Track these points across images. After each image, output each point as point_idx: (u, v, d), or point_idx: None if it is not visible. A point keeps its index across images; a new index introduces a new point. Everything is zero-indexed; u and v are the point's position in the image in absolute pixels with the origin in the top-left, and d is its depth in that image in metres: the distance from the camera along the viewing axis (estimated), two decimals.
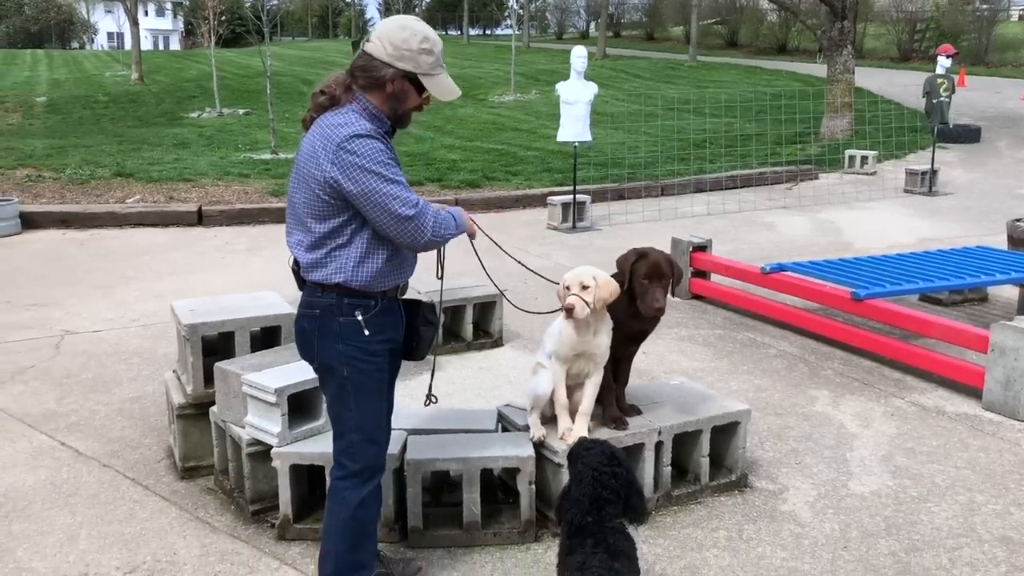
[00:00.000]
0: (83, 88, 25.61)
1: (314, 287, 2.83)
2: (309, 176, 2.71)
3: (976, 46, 34.44)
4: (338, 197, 2.69)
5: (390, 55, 2.75)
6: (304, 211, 2.75)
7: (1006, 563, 3.41)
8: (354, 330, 2.81)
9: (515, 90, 24.87)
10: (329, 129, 2.70)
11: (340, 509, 2.92)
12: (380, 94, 2.80)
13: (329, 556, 2.96)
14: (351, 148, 2.65)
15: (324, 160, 2.67)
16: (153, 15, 60.45)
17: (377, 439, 2.94)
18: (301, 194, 2.76)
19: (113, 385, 5.16)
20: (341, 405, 2.88)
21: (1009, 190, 12.72)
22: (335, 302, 2.80)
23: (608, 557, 2.47)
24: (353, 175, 2.65)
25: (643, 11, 49.54)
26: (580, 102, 9.59)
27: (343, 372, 2.83)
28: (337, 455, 2.93)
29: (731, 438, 3.95)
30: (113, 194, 10.96)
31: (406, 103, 2.84)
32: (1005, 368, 4.77)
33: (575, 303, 3.35)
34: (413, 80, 2.79)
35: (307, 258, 2.79)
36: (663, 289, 3.55)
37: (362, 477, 2.91)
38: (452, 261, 5.10)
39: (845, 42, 16.96)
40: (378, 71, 2.76)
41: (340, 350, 2.81)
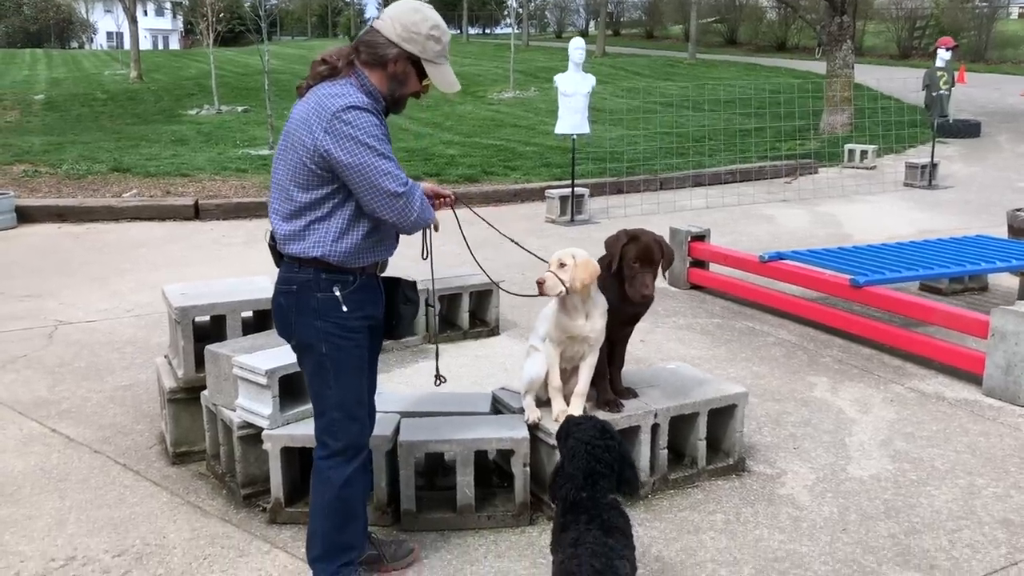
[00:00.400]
0: (82, 86, 25.56)
1: (291, 262, 2.78)
2: (298, 143, 2.67)
3: (976, 43, 34.40)
4: (326, 168, 2.65)
5: (398, 35, 2.71)
6: (288, 179, 2.71)
7: (1007, 544, 3.36)
8: (332, 306, 2.77)
9: (514, 87, 24.82)
10: (325, 99, 2.66)
11: (325, 489, 2.88)
12: (381, 73, 2.76)
13: (316, 537, 2.92)
14: (346, 119, 2.61)
15: (317, 128, 2.62)
16: (152, 15, 60.40)
17: (359, 416, 2.89)
18: (287, 162, 2.71)
19: (106, 373, 5.12)
20: (321, 383, 2.83)
21: (1009, 183, 12.67)
22: (312, 277, 2.75)
23: (602, 533, 2.43)
24: (346, 145, 2.61)
25: (642, 9, 49.52)
26: (578, 94, 9.54)
27: (322, 349, 2.79)
28: (319, 434, 2.89)
29: (728, 421, 3.91)
30: (110, 189, 10.92)
31: (405, 87, 2.80)
32: (1006, 353, 4.72)
33: (547, 279, 3.30)
34: (416, 64, 2.76)
35: (285, 229, 2.74)
36: (652, 274, 3.50)
37: (345, 456, 2.87)
38: (448, 251, 5.06)
39: (844, 37, 16.91)
40: (383, 49, 2.72)
41: (318, 327, 2.77)
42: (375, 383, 3.15)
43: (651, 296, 3.51)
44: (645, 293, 3.47)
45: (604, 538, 2.41)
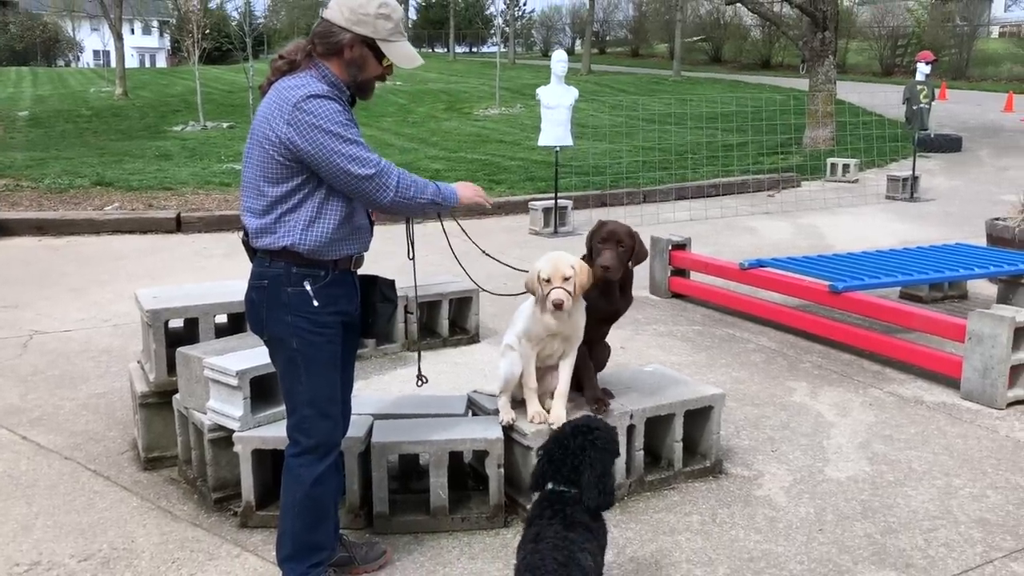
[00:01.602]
0: (67, 103, 25.51)
1: (263, 257, 2.77)
2: (263, 138, 2.66)
3: (957, 61, 34.77)
4: (293, 159, 2.64)
5: (347, 19, 2.70)
6: (257, 174, 2.69)
7: (982, 543, 3.35)
8: (303, 300, 2.74)
9: (500, 104, 24.91)
10: (285, 91, 2.65)
11: (295, 487, 2.84)
12: (339, 61, 2.75)
13: (285, 536, 2.88)
14: (306, 108, 2.60)
15: (279, 120, 2.62)
16: (140, 33, 60.42)
17: (331, 414, 2.86)
18: (254, 158, 2.70)
19: (80, 381, 5.06)
20: (292, 379, 2.81)
21: (990, 196, 12.75)
22: (283, 271, 2.74)
23: (563, 528, 2.41)
24: (308, 134, 2.59)
25: (628, 28, 49.85)
26: (561, 107, 9.57)
27: (292, 344, 2.76)
28: (290, 431, 2.86)
29: (705, 423, 3.89)
30: (92, 202, 10.85)
31: (365, 70, 2.78)
32: (982, 356, 4.73)
33: (563, 297, 3.25)
34: (372, 47, 2.74)
35: (256, 223, 2.73)
36: (615, 253, 3.47)
37: (317, 453, 2.84)
38: (429, 261, 5.04)
39: (826, 52, 17.05)
40: (335, 36, 2.71)
41: (288, 321, 2.74)
42: (351, 382, 3.12)
43: (609, 268, 3.43)
44: (604, 265, 3.42)
45: (565, 532, 2.39)
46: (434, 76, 34.35)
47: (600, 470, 2.58)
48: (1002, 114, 23.98)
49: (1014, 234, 7.34)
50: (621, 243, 3.49)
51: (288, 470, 2.87)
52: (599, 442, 2.62)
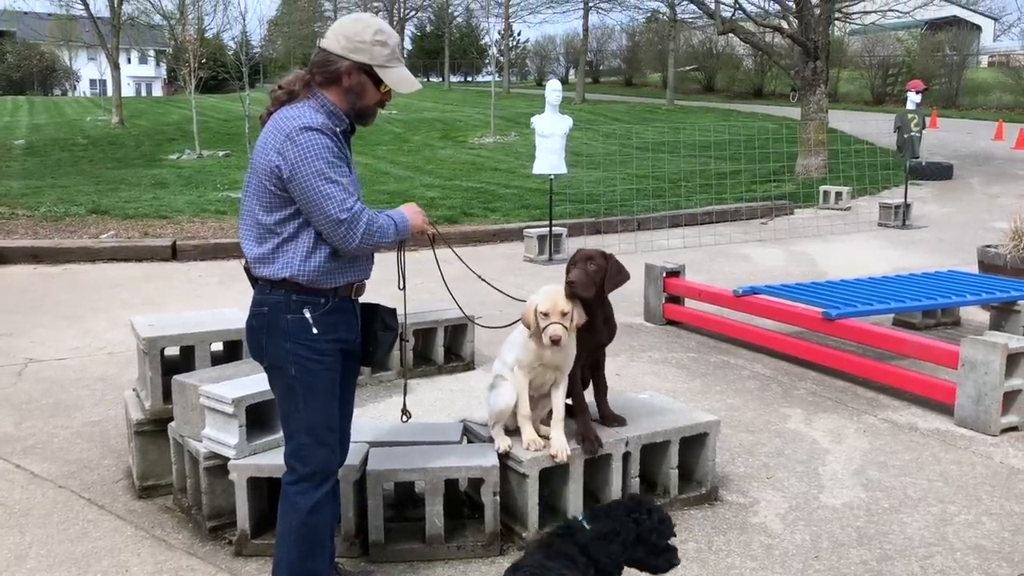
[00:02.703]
0: (63, 132, 25.56)
1: (263, 284, 2.79)
2: (259, 167, 2.69)
3: (947, 90, 35.11)
4: (283, 188, 2.67)
5: (344, 48, 2.74)
6: (254, 202, 2.73)
7: (978, 570, 3.35)
8: (302, 328, 2.76)
9: (495, 132, 25.04)
10: (282, 121, 2.69)
11: (292, 515, 2.84)
12: (337, 89, 2.78)
13: (282, 565, 2.87)
14: (297, 140, 2.63)
15: (272, 149, 2.65)
16: (136, 62, 60.76)
17: (328, 442, 2.86)
18: (252, 186, 2.74)
19: (74, 409, 5.05)
20: (290, 406, 2.81)
21: (982, 223, 12.84)
22: (283, 299, 2.75)
23: (544, 557, 2.40)
24: (295, 166, 2.63)
25: (621, 58, 50.28)
26: (555, 135, 9.64)
27: (291, 371, 2.77)
28: (287, 458, 2.86)
29: (700, 450, 3.90)
30: (87, 230, 10.87)
31: (364, 98, 2.82)
32: (976, 383, 4.75)
33: (561, 333, 3.28)
34: (369, 73, 2.78)
35: (255, 252, 2.75)
36: (584, 270, 3.45)
37: (313, 481, 2.84)
38: (425, 288, 5.05)
39: (818, 81, 17.22)
40: (333, 65, 2.75)
41: (288, 348, 2.76)
42: (351, 410, 3.12)
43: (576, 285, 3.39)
44: (570, 281, 3.40)
45: (544, 560, 2.38)
46: (429, 105, 34.56)
47: (626, 542, 2.55)
48: (992, 142, 24.17)
49: (1006, 261, 7.40)
50: (591, 259, 3.50)
51: (284, 497, 2.86)
52: (645, 529, 2.58)
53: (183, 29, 27.14)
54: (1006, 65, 39.07)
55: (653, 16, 41.21)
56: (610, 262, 3.54)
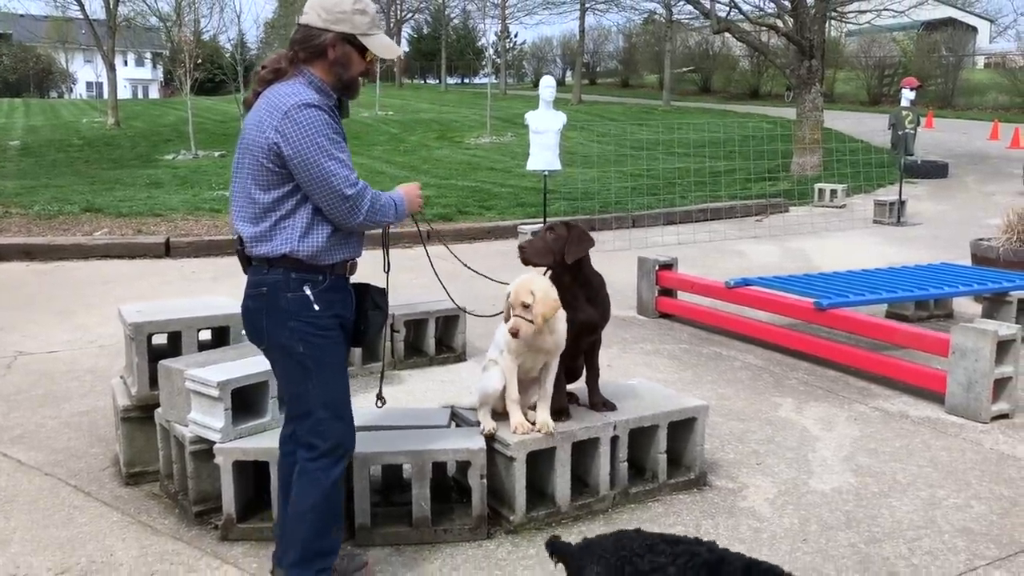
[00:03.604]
0: (58, 133, 25.54)
1: (260, 264, 2.77)
2: (254, 145, 2.67)
3: (943, 90, 35.16)
4: (282, 165, 2.66)
5: (325, 20, 2.73)
6: (249, 181, 2.71)
7: (966, 552, 3.34)
8: (303, 305, 2.75)
9: (491, 133, 25.05)
10: (276, 98, 2.67)
11: (312, 491, 2.82)
12: (323, 63, 2.77)
13: (295, 541, 2.85)
14: (297, 117, 2.62)
15: (269, 127, 2.64)
16: (133, 65, 60.75)
17: (344, 415, 2.88)
18: (245, 166, 2.72)
19: (63, 400, 5.04)
20: (302, 383, 2.80)
21: (976, 221, 12.85)
22: (282, 278, 2.74)
23: None
24: (296, 144, 2.62)
25: (618, 59, 50.31)
26: (549, 131, 9.65)
27: (299, 349, 2.76)
28: (305, 435, 2.83)
29: (689, 435, 3.89)
30: (81, 228, 10.84)
31: (350, 68, 2.81)
32: (966, 370, 4.75)
33: (520, 325, 3.27)
34: (352, 43, 2.78)
35: (251, 231, 2.73)
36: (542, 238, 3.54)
37: (335, 456, 2.85)
38: (418, 284, 5.04)
39: (813, 80, 17.24)
40: (317, 39, 2.74)
41: (292, 327, 2.75)
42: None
43: (526, 250, 3.54)
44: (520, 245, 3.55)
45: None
46: (426, 106, 34.57)
47: None
48: (988, 142, 24.21)
49: (998, 253, 7.40)
50: (552, 229, 3.52)
51: (304, 474, 2.84)
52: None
53: (179, 30, 27.13)
54: (1002, 66, 39.13)
55: (650, 17, 41.26)
56: (572, 231, 3.55)
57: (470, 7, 49.90)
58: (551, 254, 3.48)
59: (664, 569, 2.24)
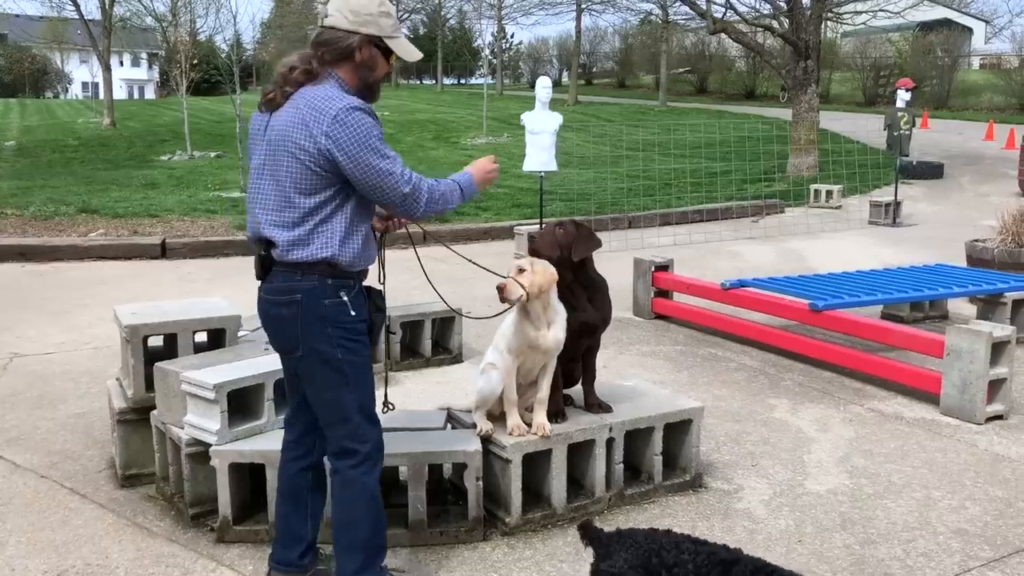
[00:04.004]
0: (54, 133, 25.48)
1: (291, 271, 2.72)
2: (295, 148, 2.65)
3: (939, 91, 35.23)
4: (330, 169, 2.66)
5: (352, 22, 2.73)
6: (288, 184, 2.68)
7: (960, 553, 3.36)
8: (341, 311, 2.76)
9: (487, 133, 25.06)
10: (318, 101, 2.66)
11: (359, 496, 2.83)
12: (348, 66, 2.77)
13: (354, 550, 2.85)
14: (348, 121, 2.61)
15: (317, 131, 2.62)
16: (128, 65, 60.65)
17: (375, 418, 2.90)
18: (284, 169, 2.68)
19: (59, 402, 5.03)
20: (339, 389, 2.79)
21: (971, 221, 12.87)
22: (319, 284, 2.72)
23: None
24: (349, 148, 2.62)
25: (614, 60, 50.32)
26: (545, 132, 9.63)
27: (337, 355, 2.75)
28: (343, 441, 2.83)
29: (684, 437, 3.89)
30: (76, 229, 10.82)
31: (375, 71, 2.81)
32: (961, 371, 4.76)
33: (508, 284, 3.29)
34: (378, 46, 2.78)
35: (288, 236, 2.70)
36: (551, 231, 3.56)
37: (374, 459, 2.86)
38: (414, 286, 5.02)
39: (809, 81, 17.25)
40: (344, 41, 2.73)
41: (330, 333, 2.74)
42: None
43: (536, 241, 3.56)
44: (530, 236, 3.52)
45: None
46: (422, 107, 34.55)
47: None
48: (983, 142, 24.26)
49: (993, 255, 7.42)
50: (561, 225, 3.54)
51: (347, 483, 2.83)
52: None
53: (175, 31, 27.09)
54: (997, 67, 39.22)
55: (646, 18, 41.28)
56: (581, 229, 3.58)
57: (466, 7, 49.86)
58: (558, 248, 3.51)
59: (685, 565, 2.33)
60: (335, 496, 2.87)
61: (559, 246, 3.50)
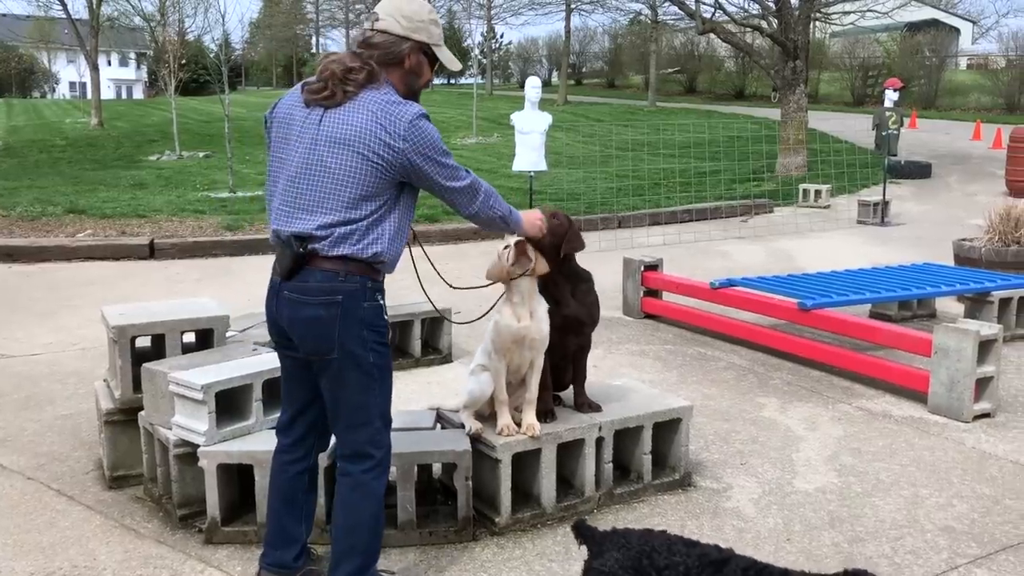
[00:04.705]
0: (41, 133, 25.35)
1: (332, 271, 2.69)
2: (367, 149, 2.65)
3: (926, 91, 35.41)
4: (395, 173, 2.69)
5: (405, 28, 2.74)
6: (350, 183, 2.67)
7: (948, 550, 3.37)
8: (377, 315, 2.78)
9: (477, 133, 25.06)
10: (388, 105, 2.68)
11: (369, 501, 2.83)
12: (399, 71, 2.79)
13: (354, 553, 2.84)
14: (422, 128, 2.68)
15: (395, 136, 2.65)
16: (116, 65, 60.38)
17: (391, 424, 2.91)
18: (345, 167, 2.67)
19: (46, 403, 5.00)
20: (368, 393, 2.79)
21: (959, 221, 12.94)
22: (359, 287, 2.72)
23: None
24: (424, 154, 2.69)
25: (604, 60, 50.38)
26: (535, 132, 9.66)
27: (369, 359, 2.75)
28: (362, 446, 2.81)
29: (673, 436, 3.90)
30: (64, 230, 10.76)
31: (421, 78, 2.84)
32: (948, 370, 4.78)
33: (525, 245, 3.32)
34: (426, 53, 2.80)
35: (337, 232, 2.68)
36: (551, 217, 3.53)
37: (385, 465, 2.87)
38: (403, 286, 5.00)
39: (798, 81, 17.31)
40: (397, 46, 2.75)
41: (365, 336, 2.74)
42: None
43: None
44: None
45: None
46: None
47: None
48: (970, 142, 24.39)
49: (981, 254, 7.46)
50: (555, 216, 3.53)
51: (358, 487, 2.82)
52: None
53: (163, 30, 26.99)
54: (984, 67, 39.44)
55: (635, 18, 41.34)
56: (572, 226, 3.58)
57: (456, 7, 49.87)
58: (549, 234, 3.48)
59: (676, 567, 2.34)
60: (342, 499, 2.84)
61: (552, 232, 3.49)
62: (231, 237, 10.23)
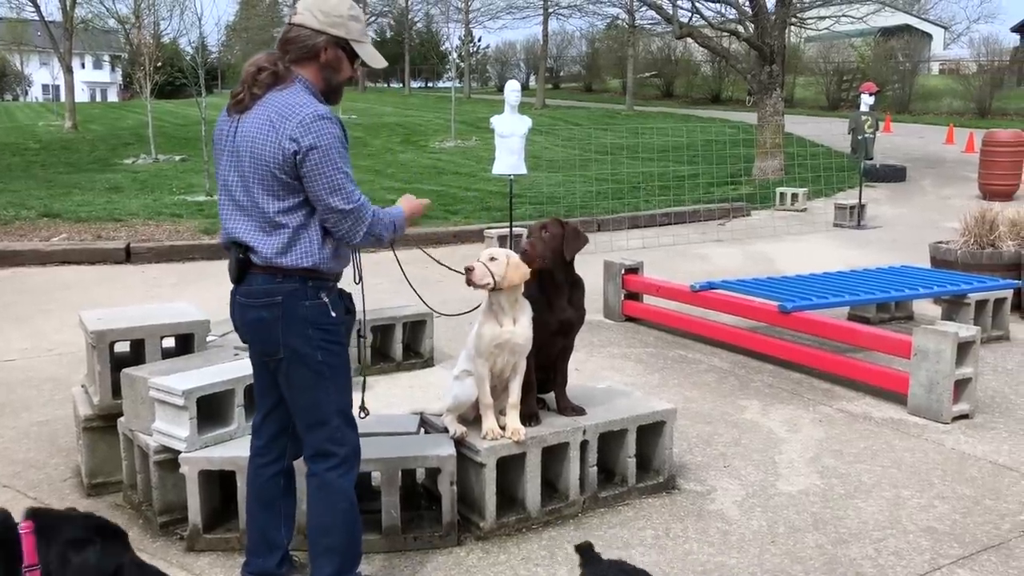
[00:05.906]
0: (13, 136, 25.04)
1: (270, 274, 2.69)
2: (265, 154, 2.62)
3: (900, 95, 35.79)
4: (295, 176, 2.63)
5: (322, 23, 2.71)
6: (260, 193, 2.66)
7: (930, 551, 3.40)
8: (322, 312, 2.74)
9: (455, 137, 25.03)
10: (287, 108, 2.63)
11: (336, 500, 2.80)
12: (313, 66, 2.75)
13: (332, 554, 2.82)
14: (314, 128, 2.59)
15: (284, 138, 2.59)
16: (91, 67, 59.76)
17: (353, 421, 2.88)
18: (256, 177, 2.65)
19: (21, 410, 4.93)
20: (320, 391, 2.76)
21: (933, 223, 13.08)
22: (299, 286, 2.70)
23: None
24: (312, 157, 2.59)
25: (581, 64, 50.52)
26: (515, 135, 9.63)
27: (317, 357, 2.73)
28: (322, 444, 2.80)
29: (657, 439, 3.90)
30: (38, 234, 10.63)
31: (340, 73, 2.79)
32: (928, 372, 4.82)
33: (476, 267, 3.27)
34: (344, 49, 2.76)
35: (268, 243, 2.67)
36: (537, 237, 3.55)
37: (351, 463, 2.84)
38: (383, 288, 5.01)
39: (774, 85, 17.44)
40: (311, 40, 2.72)
41: (310, 335, 2.72)
42: None
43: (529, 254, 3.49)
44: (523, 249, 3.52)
45: None
46: (390, 110, 34.45)
47: None
48: (944, 146, 24.67)
49: (956, 256, 7.53)
50: (545, 227, 3.53)
51: (324, 486, 2.80)
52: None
53: (138, 33, 26.74)
54: (956, 72, 39.93)
55: (612, 22, 41.51)
56: (567, 227, 3.57)
57: (433, 11, 49.81)
58: (551, 252, 3.50)
59: None
60: (311, 500, 2.84)
61: (551, 249, 3.49)
62: (208, 241, 10.14)
